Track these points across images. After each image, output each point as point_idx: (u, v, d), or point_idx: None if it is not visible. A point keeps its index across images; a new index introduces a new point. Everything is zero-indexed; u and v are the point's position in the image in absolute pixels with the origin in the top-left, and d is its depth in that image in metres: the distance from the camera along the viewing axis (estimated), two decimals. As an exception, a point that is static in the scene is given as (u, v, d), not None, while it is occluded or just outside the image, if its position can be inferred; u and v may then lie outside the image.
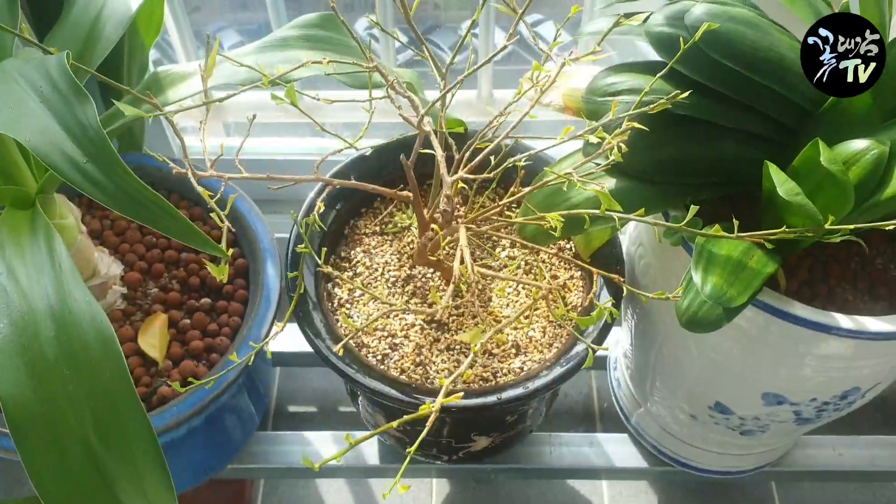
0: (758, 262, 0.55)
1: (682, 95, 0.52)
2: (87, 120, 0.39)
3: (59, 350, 0.48)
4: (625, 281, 0.56)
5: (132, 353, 0.70)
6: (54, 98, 0.40)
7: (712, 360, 0.68)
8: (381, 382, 0.65)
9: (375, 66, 0.51)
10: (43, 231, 0.55)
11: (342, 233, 0.79)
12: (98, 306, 0.49)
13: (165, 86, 0.60)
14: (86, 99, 0.40)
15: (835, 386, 0.65)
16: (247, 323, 0.70)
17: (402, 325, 0.72)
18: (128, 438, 0.49)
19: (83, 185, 0.39)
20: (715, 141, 0.61)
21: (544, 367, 0.67)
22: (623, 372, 0.90)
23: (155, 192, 0.39)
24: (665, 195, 0.63)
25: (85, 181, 0.39)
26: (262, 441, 0.90)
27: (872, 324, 0.57)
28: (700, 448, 0.84)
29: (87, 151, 0.39)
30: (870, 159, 0.54)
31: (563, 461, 0.89)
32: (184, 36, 0.91)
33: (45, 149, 0.38)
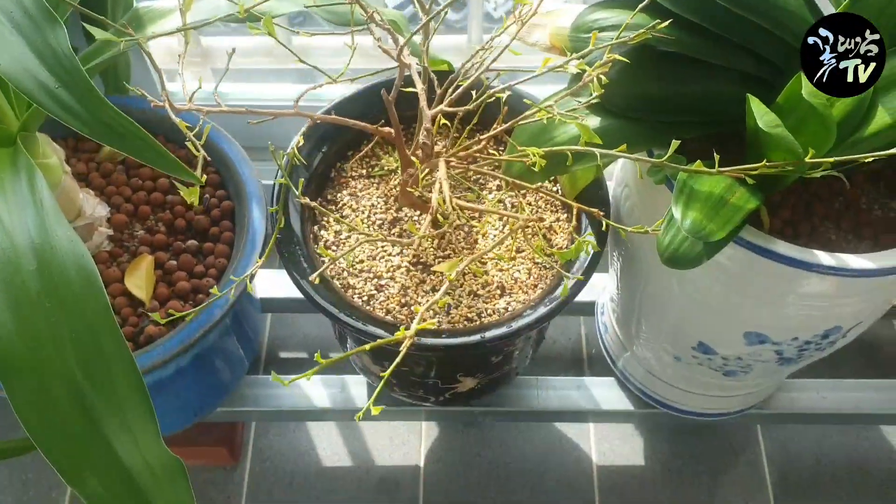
0: (739, 198, 0.55)
1: (661, 25, 0.52)
2: (59, 45, 0.39)
3: (41, 285, 0.48)
4: (604, 215, 0.56)
5: (119, 294, 0.70)
6: (25, 23, 0.39)
7: (694, 299, 0.68)
8: (365, 322, 0.65)
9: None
10: (25, 168, 0.55)
11: (329, 175, 0.79)
12: (80, 242, 0.49)
13: (146, 21, 0.60)
14: (56, 24, 0.39)
15: (816, 324, 0.65)
16: (232, 264, 0.70)
17: (387, 266, 0.72)
18: (112, 374, 0.49)
19: (56, 111, 0.38)
20: (701, 79, 0.61)
21: (528, 307, 0.68)
22: (610, 316, 0.90)
23: (128, 118, 0.39)
24: (650, 133, 0.62)
25: (57, 107, 0.38)
26: (252, 384, 0.91)
27: (854, 261, 0.58)
28: (684, 390, 0.85)
29: (60, 77, 0.38)
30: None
31: (549, 404, 0.90)
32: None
33: (18, 75, 0.38)
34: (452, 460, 1.02)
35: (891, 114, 0.55)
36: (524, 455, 1.02)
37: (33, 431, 0.48)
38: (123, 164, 0.78)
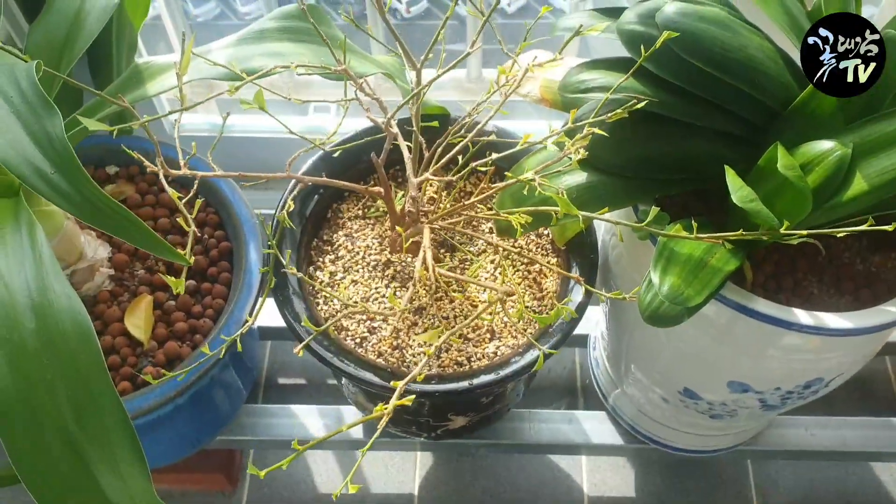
0: (719, 259, 0.56)
1: (640, 105, 0.53)
2: (55, 132, 0.40)
3: (39, 342, 0.50)
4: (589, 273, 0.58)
5: (119, 334, 0.72)
6: (24, 109, 0.41)
7: (680, 348, 0.70)
8: (359, 367, 0.67)
9: (344, 68, 0.52)
10: (26, 221, 0.57)
11: (325, 216, 0.80)
12: (77, 299, 0.51)
13: (146, 78, 0.62)
14: (53, 111, 0.41)
15: (798, 376, 0.66)
16: (229, 307, 0.72)
17: (380, 307, 0.74)
18: (104, 423, 0.51)
19: (50, 195, 0.40)
20: (685, 138, 0.62)
21: (517, 353, 0.69)
22: (601, 352, 0.92)
23: (116, 202, 0.41)
24: (635, 190, 0.64)
25: (51, 191, 0.40)
26: (251, 413, 0.93)
27: (833, 320, 0.59)
28: (674, 429, 0.86)
29: (54, 162, 0.40)
30: (833, 160, 0.55)
31: (541, 437, 0.92)
32: (174, 14, 0.92)
33: (15, 160, 0.40)
34: (447, 489, 1.04)
35: (868, 180, 0.56)
36: (517, 485, 1.04)
37: (24, 472, 0.50)
38: (125, 202, 0.80)
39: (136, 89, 0.61)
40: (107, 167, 0.81)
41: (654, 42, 0.58)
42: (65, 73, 0.62)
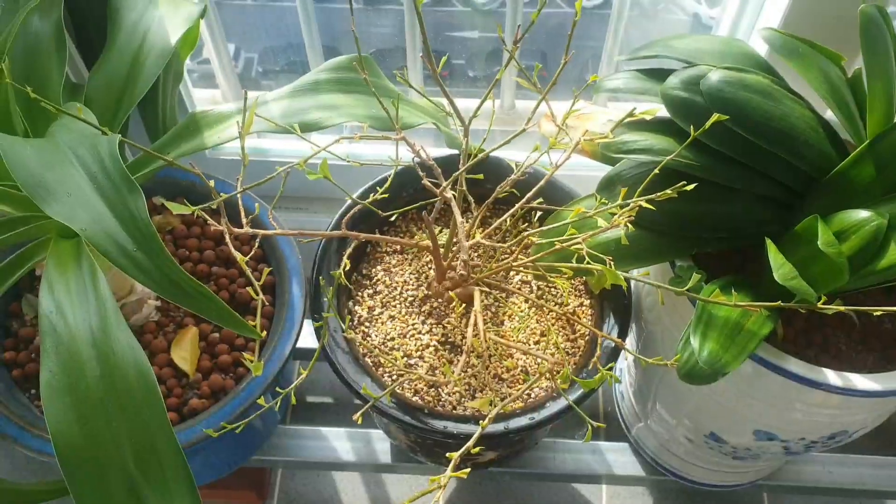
0: (755, 323, 0.59)
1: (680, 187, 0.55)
2: (137, 211, 0.43)
3: (103, 390, 0.53)
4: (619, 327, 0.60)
5: (165, 365, 0.74)
6: (108, 186, 0.43)
7: (709, 396, 0.72)
8: (398, 410, 0.69)
9: (403, 137, 0.55)
10: (87, 264, 0.59)
11: (365, 249, 0.83)
12: (140, 349, 0.54)
13: (202, 127, 0.64)
14: (135, 189, 0.43)
15: (823, 429, 0.68)
16: (272, 341, 0.74)
17: (417, 345, 0.76)
18: (165, 474, 0.53)
19: (132, 271, 0.43)
20: (724, 200, 0.64)
21: (551, 396, 0.71)
22: (627, 386, 0.94)
23: (195, 279, 0.43)
24: (673, 246, 0.66)
25: (133, 267, 0.43)
26: (283, 435, 0.95)
27: (860, 382, 0.61)
28: (696, 465, 0.88)
29: (137, 240, 0.42)
30: (870, 230, 0.57)
31: (565, 467, 0.94)
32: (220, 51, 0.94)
33: (99, 237, 0.42)
34: (470, 511, 1.06)
35: (903, 250, 0.58)
36: (539, 508, 1.06)
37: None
38: (171, 233, 0.82)
39: (194, 139, 0.63)
40: (153, 198, 0.83)
41: (697, 108, 0.61)
42: (124, 116, 0.65)
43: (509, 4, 0.86)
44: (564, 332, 0.77)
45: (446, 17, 3.31)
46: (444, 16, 3.22)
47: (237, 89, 1.00)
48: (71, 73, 0.80)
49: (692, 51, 0.67)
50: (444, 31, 3.15)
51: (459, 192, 0.66)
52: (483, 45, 3.01)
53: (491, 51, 3.13)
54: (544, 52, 3.01)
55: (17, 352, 0.76)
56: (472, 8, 3.14)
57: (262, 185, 0.55)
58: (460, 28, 3.16)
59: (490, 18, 3.35)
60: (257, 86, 2.86)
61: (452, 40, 3.10)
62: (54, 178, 0.44)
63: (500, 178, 0.71)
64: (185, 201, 0.84)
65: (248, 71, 2.92)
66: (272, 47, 2.96)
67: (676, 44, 0.69)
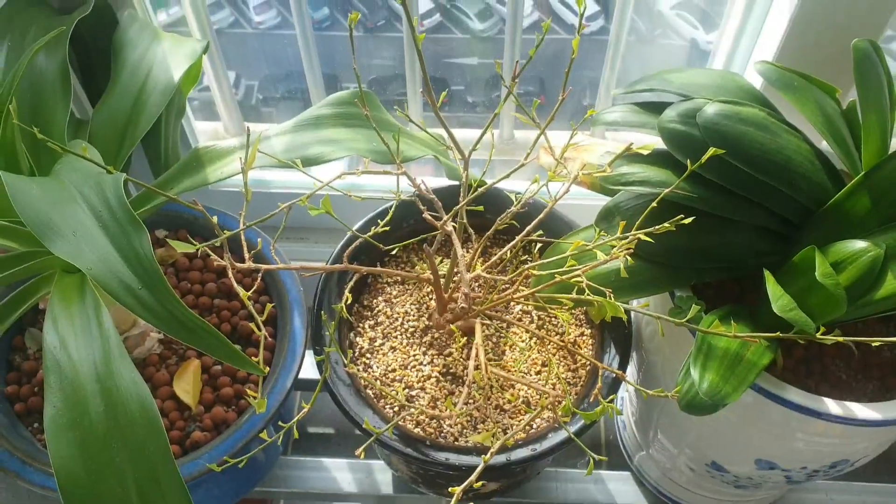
0: (754, 353, 0.59)
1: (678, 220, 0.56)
2: (143, 250, 0.43)
3: (106, 426, 0.53)
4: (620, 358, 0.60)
5: (167, 398, 0.74)
6: (113, 225, 0.44)
7: (710, 425, 0.72)
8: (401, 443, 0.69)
9: (404, 172, 0.55)
10: (91, 300, 0.60)
11: (366, 281, 0.83)
12: (143, 383, 0.54)
13: (205, 163, 0.64)
14: (140, 228, 0.44)
15: (825, 458, 0.69)
16: (273, 373, 0.74)
17: (418, 376, 0.76)
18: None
19: (137, 310, 0.43)
20: (722, 231, 0.64)
21: (552, 427, 0.71)
22: (628, 414, 0.94)
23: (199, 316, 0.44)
24: (672, 276, 0.66)
25: (139, 306, 0.43)
26: (285, 466, 0.95)
27: (860, 411, 0.61)
28: (698, 493, 0.88)
29: (142, 279, 0.43)
30: (867, 260, 0.58)
31: (567, 496, 0.94)
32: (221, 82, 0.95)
33: (105, 276, 0.43)
34: (472, 539, 1.05)
35: (899, 281, 0.58)
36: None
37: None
38: (174, 266, 0.82)
39: (197, 174, 0.64)
40: (156, 231, 0.84)
41: (694, 141, 0.61)
42: (128, 152, 0.65)
43: (507, 33, 0.87)
44: (566, 362, 0.77)
45: (445, 44, 3.34)
46: (443, 42, 3.24)
47: (238, 120, 1.01)
48: (75, 108, 0.81)
49: (688, 84, 0.68)
50: (444, 57, 3.18)
51: (460, 224, 0.67)
52: (482, 71, 3.04)
53: (489, 77, 3.15)
54: (542, 79, 3.04)
55: (19, 385, 0.76)
56: (470, 35, 3.16)
57: (252, 211, 0.56)
58: (459, 55, 3.19)
59: (488, 45, 3.38)
60: (257, 113, 2.88)
61: (451, 67, 3.13)
62: (60, 217, 0.45)
63: (500, 208, 0.72)
64: (187, 234, 0.86)
65: (249, 98, 2.93)
66: (272, 75, 2.99)
67: (673, 77, 0.70)
